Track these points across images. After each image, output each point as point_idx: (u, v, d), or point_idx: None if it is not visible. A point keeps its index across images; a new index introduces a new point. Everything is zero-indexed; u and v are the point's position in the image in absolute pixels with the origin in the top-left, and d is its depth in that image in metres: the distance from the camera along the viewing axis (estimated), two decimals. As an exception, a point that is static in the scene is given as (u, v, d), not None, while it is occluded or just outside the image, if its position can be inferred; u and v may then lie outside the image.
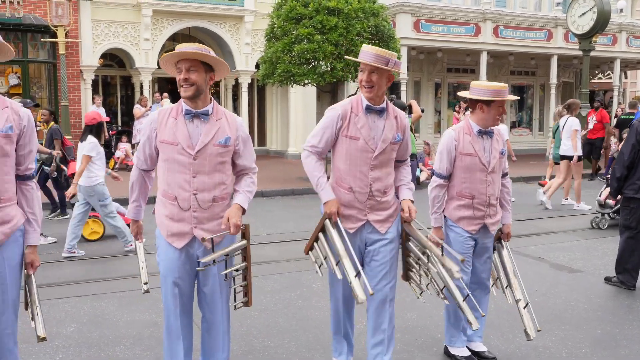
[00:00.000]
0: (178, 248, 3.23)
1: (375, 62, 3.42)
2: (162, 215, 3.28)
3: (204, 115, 3.19)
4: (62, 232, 8.28)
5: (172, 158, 3.17)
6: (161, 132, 3.19)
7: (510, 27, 17.95)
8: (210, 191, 3.20)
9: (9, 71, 14.75)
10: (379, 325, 3.63)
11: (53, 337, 4.55)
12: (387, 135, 3.55)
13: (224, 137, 3.21)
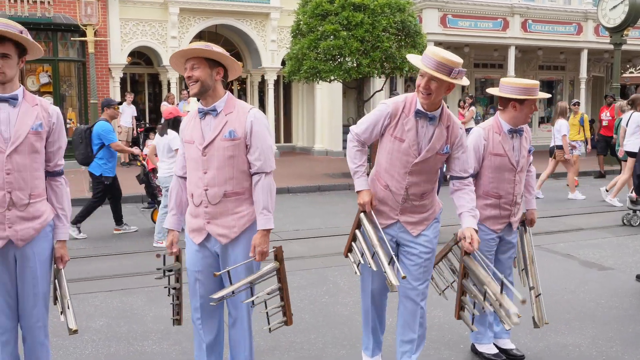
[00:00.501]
0: (197, 243, 3.30)
1: (437, 72, 3.21)
2: (188, 212, 3.38)
3: (212, 112, 3.23)
4: (92, 230, 8.41)
5: (190, 156, 3.27)
6: (184, 133, 3.32)
7: (539, 21, 17.71)
8: (221, 186, 3.20)
9: (40, 70, 15.01)
10: (409, 324, 3.59)
11: (83, 330, 4.62)
12: (435, 144, 3.39)
13: (229, 130, 3.18)
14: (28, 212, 3.05)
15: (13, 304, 3.13)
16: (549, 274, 6.09)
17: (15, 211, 3.01)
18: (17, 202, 3.01)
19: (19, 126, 2.99)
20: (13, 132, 2.97)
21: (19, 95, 3.03)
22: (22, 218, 3.03)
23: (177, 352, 4.30)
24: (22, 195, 3.02)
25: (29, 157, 3.03)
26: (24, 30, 3.00)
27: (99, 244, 7.63)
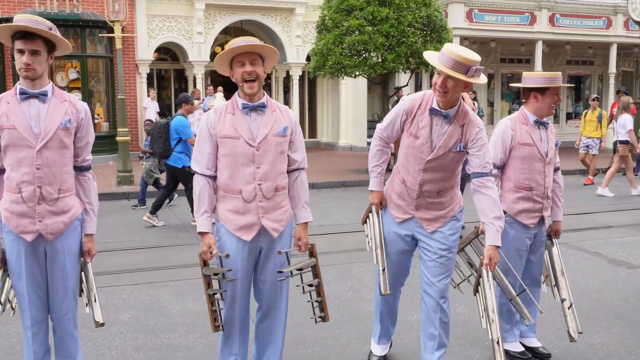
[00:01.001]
0: (248, 240, 3.24)
1: (453, 71, 3.17)
2: (225, 210, 3.25)
3: (261, 108, 3.22)
4: (119, 224, 8.52)
5: (235, 152, 3.18)
6: (221, 128, 3.20)
7: (567, 15, 17.45)
8: (274, 181, 3.23)
9: (69, 66, 15.22)
10: (430, 319, 3.59)
11: (111, 323, 4.70)
12: (448, 142, 3.36)
13: (282, 126, 3.25)
14: (57, 206, 3.11)
15: (43, 296, 3.20)
16: (577, 272, 6.02)
17: (45, 205, 3.07)
18: (46, 196, 3.07)
19: (48, 122, 3.04)
20: (43, 127, 3.03)
21: (48, 92, 3.08)
22: (52, 212, 3.09)
23: (202, 345, 4.35)
24: (51, 190, 3.08)
25: (58, 152, 3.08)
26: (53, 26, 3.05)
27: (125, 238, 7.74)
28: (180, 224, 8.59)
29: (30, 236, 3.07)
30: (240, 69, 3.15)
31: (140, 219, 8.77)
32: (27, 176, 3.02)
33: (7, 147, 3.02)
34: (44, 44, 3.01)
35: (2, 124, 3.00)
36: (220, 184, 3.28)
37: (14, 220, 3.06)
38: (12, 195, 3.06)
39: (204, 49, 16.62)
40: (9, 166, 3.05)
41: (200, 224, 3.23)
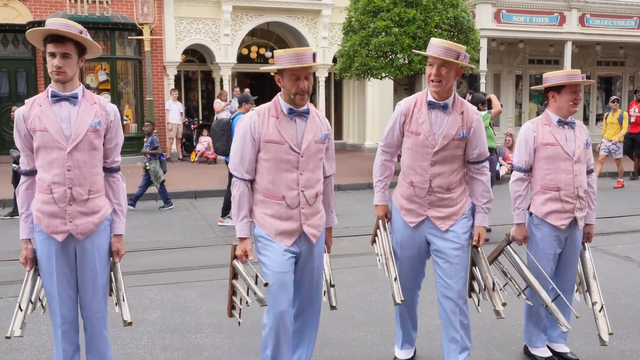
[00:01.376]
0: (288, 246, 3.23)
1: (446, 56, 3.33)
2: (266, 215, 3.25)
3: (305, 114, 3.24)
4: (147, 224, 8.62)
5: (279, 157, 3.17)
6: (265, 132, 3.18)
7: (597, 16, 17.19)
8: (314, 187, 3.28)
9: (98, 68, 15.44)
10: (451, 323, 3.58)
11: (138, 322, 4.76)
12: (450, 131, 3.46)
13: (323, 133, 3.30)
14: (87, 207, 3.16)
15: (73, 296, 3.26)
16: (607, 277, 5.93)
17: (76, 206, 3.13)
18: (77, 197, 3.12)
19: (78, 124, 3.10)
20: (73, 130, 3.09)
21: (79, 94, 3.14)
22: (82, 213, 3.15)
23: (229, 345, 4.38)
24: (81, 191, 3.13)
25: (88, 154, 3.14)
26: (84, 30, 3.10)
27: (153, 239, 7.82)
28: (207, 224, 8.66)
29: (61, 236, 3.13)
30: (295, 82, 3.14)
31: (167, 219, 8.87)
32: (58, 177, 3.08)
33: (39, 149, 3.09)
34: (74, 47, 3.07)
35: (34, 126, 3.07)
36: (260, 188, 3.26)
37: (45, 220, 3.12)
38: (43, 195, 3.12)
39: (231, 50, 16.73)
40: (40, 167, 3.12)
41: (240, 228, 3.26)
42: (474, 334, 4.54)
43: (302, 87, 3.14)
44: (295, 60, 3.07)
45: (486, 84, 16.95)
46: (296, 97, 3.15)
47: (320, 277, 3.49)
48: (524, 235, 3.93)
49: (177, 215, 9.43)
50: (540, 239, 3.90)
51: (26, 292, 3.19)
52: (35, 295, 3.23)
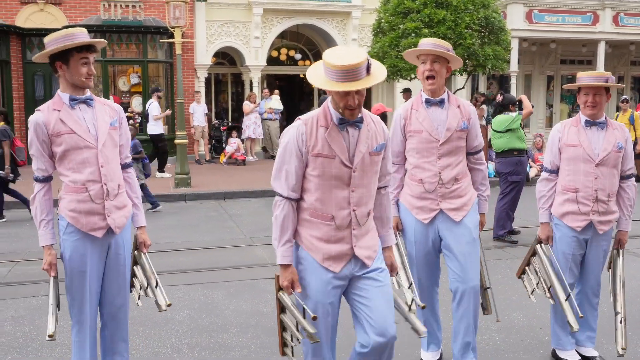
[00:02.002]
0: (336, 272, 2.85)
1: (437, 49, 3.52)
2: (312, 237, 2.85)
3: (359, 123, 2.81)
4: (175, 225, 8.70)
5: (329, 173, 2.78)
6: (313, 144, 2.77)
7: (631, 15, 16.86)
8: (367, 205, 2.88)
9: (130, 71, 15.68)
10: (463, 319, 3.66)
11: (167, 321, 4.83)
12: (452, 123, 3.61)
13: (379, 143, 2.87)
14: (119, 201, 3.30)
15: (96, 300, 3.33)
16: (637, 280, 5.81)
17: (110, 201, 3.25)
18: (111, 192, 3.25)
19: (100, 123, 3.24)
20: (98, 129, 3.23)
21: (93, 97, 3.31)
22: (116, 207, 3.28)
23: (256, 345, 4.41)
24: (114, 186, 3.27)
25: (112, 150, 3.29)
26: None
27: (182, 239, 7.91)
28: (235, 225, 8.73)
29: (101, 232, 3.22)
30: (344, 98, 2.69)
31: (195, 220, 8.97)
32: (92, 175, 3.18)
33: (68, 152, 3.17)
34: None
35: (58, 130, 3.15)
36: (306, 207, 2.86)
37: (82, 218, 3.19)
38: (78, 195, 3.19)
39: (261, 53, 16.84)
40: (70, 170, 3.20)
41: (283, 254, 2.83)
42: (502, 337, 4.50)
43: (351, 104, 2.70)
44: (343, 77, 2.60)
45: (517, 84, 16.75)
46: (345, 112, 2.73)
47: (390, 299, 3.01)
48: (547, 235, 3.97)
49: (206, 216, 9.52)
50: (560, 239, 3.92)
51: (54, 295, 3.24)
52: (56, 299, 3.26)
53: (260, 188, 11.41)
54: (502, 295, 5.26)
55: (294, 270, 2.86)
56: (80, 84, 3.19)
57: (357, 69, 2.59)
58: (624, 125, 3.95)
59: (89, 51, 3.17)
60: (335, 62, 2.59)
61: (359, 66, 2.58)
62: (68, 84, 3.19)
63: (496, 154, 7.88)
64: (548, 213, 3.97)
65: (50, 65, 3.19)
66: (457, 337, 3.71)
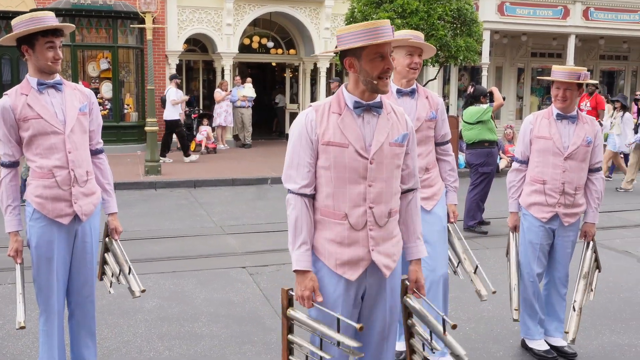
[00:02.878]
0: (353, 280, 2.52)
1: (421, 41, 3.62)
2: (324, 239, 2.54)
3: (376, 109, 2.53)
4: (145, 212, 8.59)
5: (342, 164, 2.48)
6: (324, 132, 2.50)
7: (601, 9, 17.11)
8: (388, 203, 2.54)
9: (100, 56, 15.38)
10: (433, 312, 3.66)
11: (136, 310, 4.76)
12: (421, 113, 3.68)
13: (401, 133, 2.57)
14: (87, 188, 3.26)
15: (63, 288, 3.29)
16: (605, 271, 5.88)
17: (78, 188, 3.20)
18: (79, 178, 3.20)
19: (69, 109, 3.18)
20: (66, 114, 3.17)
21: (62, 81, 3.24)
22: (84, 194, 3.23)
23: (226, 334, 4.38)
24: (82, 172, 3.22)
25: (81, 136, 3.24)
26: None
27: (152, 227, 7.81)
28: (205, 213, 8.65)
29: (67, 219, 3.18)
30: (381, 62, 2.46)
31: (166, 207, 8.87)
32: (59, 161, 3.13)
33: (35, 137, 3.11)
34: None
35: (26, 115, 3.09)
36: (318, 205, 2.56)
37: (49, 204, 3.14)
38: (45, 181, 3.14)
39: (233, 40, 16.66)
40: (37, 155, 3.14)
41: (298, 259, 2.50)
42: (471, 327, 4.54)
43: (389, 67, 2.46)
44: (374, 36, 2.40)
45: (488, 76, 16.89)
46: (380, 83, 2.46)
47: (394, 322, 2.69)
48: (514, 224, 4.11)
49: (176, 204, 9.42)
50: (527, 228, 4.01)
51: (21, 283, 3.20)
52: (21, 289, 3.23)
53: (230, 176, 11.34)
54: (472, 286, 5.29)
55: (313, 277, 2.51)
56: (46, 68, 3.12)
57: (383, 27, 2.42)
58: (594, 119, 4.00)
59: (55, 35, 3.10)
60: (357, 25, 2.43)
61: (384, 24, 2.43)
62: (35, 68, 3.13)
63: (467, 145, 7.93)
64: (517, 202, 4.07)
65: (17, 49, 3.12)
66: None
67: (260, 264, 6.08)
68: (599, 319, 4.68)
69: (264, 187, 11.13)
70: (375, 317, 2.62)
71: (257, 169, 12.52)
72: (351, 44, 2.43)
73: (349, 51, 2.47)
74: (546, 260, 4.02)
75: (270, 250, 6.55)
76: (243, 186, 11.07)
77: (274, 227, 7.68)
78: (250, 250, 6.60)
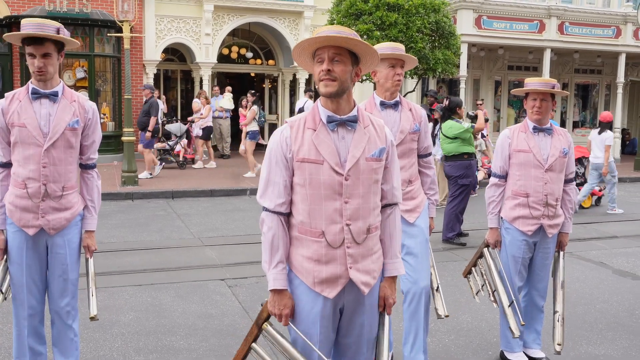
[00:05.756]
0: (330, 298, 2.48)
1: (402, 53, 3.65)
2: (301, 257, 2.50)
3: (351, 123, 2.48)
4: (123, 224, 8.49)
5: (317, 181, 2.44)
6: (298, 148, 2.46)
7: (576, 24, 17.39)
8: (366, 219, 2.49)
9: (77, 65, 15.23)
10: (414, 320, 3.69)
11: (112, 324, 4.68)
12: (404, 126, 3.70)
13: (378, 148, 2.51)
14: (60, 203, 3.21)
15: (42, 288, 3.29)
16: (581, 283, 5.97)
17: (49, 202, 3.17)
18: (51, 193, 3.17)
19: (57, 122, 3.13)
20: (51, 127, 3.13)
21: (59, 92, 3.18)
22: (55, 209, 3.19)
23: (204, 348, 4.32)
24: (56, 188, 3.18)
25: (65, 151, 3.18)
26: (61, 27, 3.13)
27: (129, 239, 7.71)
28: (183, 225, 8.58)
29: (32, 230, 3.17)
30: (318, 66, 2.43)
31: (143, 219, 8.77)
32: (33, 173, 3.12)
33: (16, 144, 3.13)
34: (53, 46, 3.11)
35: (12, 121, 3.11)
36: (294, 222, 2.52)
37: (17, 213, 3.17)
38: (17, 190, 3.16)
39: (212, 50, 16.63)
40: (16, 162, 3.16)
41: (275, 277, 2.47)
42: (450, 338, 4.55)
43: (327, 69, 2.39)
44: (313, 41, 2.40)
45: (466, 89, 17.05)
46: (320, 84, 2.44)
47: (371, 340, 2.64)
48: (496, 239, 4.07)
49: (153, 215, 9.32)
50: (510, 243, 4.00)
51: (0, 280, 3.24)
52: (6, 286, 3.28)
53: (209, 187, 11.27)
54: (451, 297, 5.32)
55: (290, 298, 2.50)
56: (33, 76, 3.13)
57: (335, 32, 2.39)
58: (566, 131, 4.07)
59: (35, 44, 3.05)
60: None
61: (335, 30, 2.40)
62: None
63: (446, 157, 7.97)
64: (497, 218, 4.06)
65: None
66: (407, 339, 3.73)
67: (239, 276, 6.03)
68: (575, 330, 4.72)
69: (244, 198, 11.08)
70: (352, 332, 2.59)
71: (235, 180, 12.46)
72: (297, 56, 2.53)
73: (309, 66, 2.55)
74: (526, 273, 4.04)
75: (249, 262, 6.50)
76: (222, 197, 11.01)
77: (253, 238, 7.63)
78: (229, 262, 6.55)
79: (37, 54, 3.06)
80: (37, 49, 3.06)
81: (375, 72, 3.68)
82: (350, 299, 2.53)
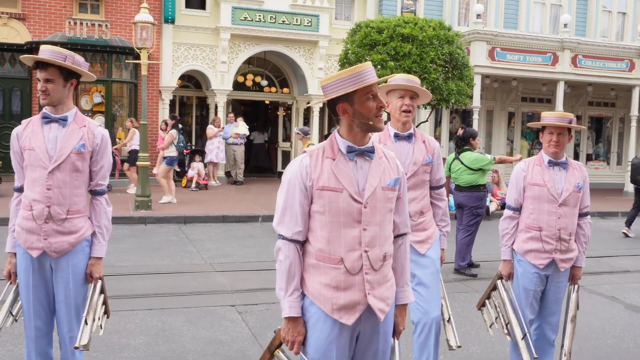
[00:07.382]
0: (348, 324, 2.51)
1: (415, 85, 3.69)
2: (319, 284, 2.52)
3: (369, 153, 2.57)
4: (135, 248, 8.55)
5: (336, 209, 2.49)
6: (318, 177, 2.52)
7: (589, 57, 17.46)
8: (382, 246, 2.55)
9: (94, 90, 15.49)
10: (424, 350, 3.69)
11: (122, 347, 4.71)
12: (417, 158, 3.75)
13: (392, 178, 2.60)
14: (64, 226, 3.24)
15: (48, 311, 3.33)
16: (592, 317, 5.93)
17: (52, 224, 3.21)
18: (54, 216, 3.21)
19: (62, 145, 3.21)
20: (57, 150, 3.21)
21: (69, 117, 3.27)
22: (58, 232, 3.23)
23: (212, 374, 4.33)
24: (60, 210, 3.22)
25: (70, 175, 3.24)
26: (69, 55, 3.21)
27: (141, 263, 7.77)
28: (195, 250, 8.62)
29: (36, 252, 3.23)
30: (373, 102, 2.52)
31: (155, 243, 8.83)
32: (38, 195, 3.19)
33: (27, 167, 3.24)
34: (58, 73, 3.20)
35: (24, 145, 3.23)
36: (312, 250, 2.55)
37: (23, 235, 3.24)
38: (24, 212, 3.25)
39: (227, 78, 16.85)
40: (26, 185, 3.26)
41: (291, 305, 2.51)
42: (460, 371, 4.52)
43: (381, 105, 2.54)
44: (361, 79, 2.48)
45: (479, 119, 17.11)
46: (375, 121, 2.53)
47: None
48: (509, 272, 4.03)
49: (166, 240, 9.38)
50: (522, 275, 3.98)
51: (6, 305, 3.31)
52: (17, 308, 3.36)
53: (221, 213, 11.33)
54: (462, 329, 5.29)
55: (304, 324, 2.54)
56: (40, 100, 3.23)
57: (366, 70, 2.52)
58: (582, 165, 4.07)
59: (41, 69, 3.17)
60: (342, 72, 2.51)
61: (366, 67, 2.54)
62: None
63: (461, 188, 7.94)
64: (510, 250, 4.03)
65: None
66: None
67: (250, 302, 6.05)
68: (587, 365, 4.68)
69: (255, 224, 11.13)
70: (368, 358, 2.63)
71: (248, 206, 12.52)
72: (342, 90, 2.47)
73: (340, 98, 2.51)
74: (538, 307, 4.02)
75: (260, 288, 6.52)
76: (234, 223, 11.05)
77: (264, 265, 7.65)
78: (240, 289, 6.57)
79: (41, 77, 3.19)
80: (42, 73, 3.18)
81: (389, 102, 3.74)
82: (367, 326, 2.57)
